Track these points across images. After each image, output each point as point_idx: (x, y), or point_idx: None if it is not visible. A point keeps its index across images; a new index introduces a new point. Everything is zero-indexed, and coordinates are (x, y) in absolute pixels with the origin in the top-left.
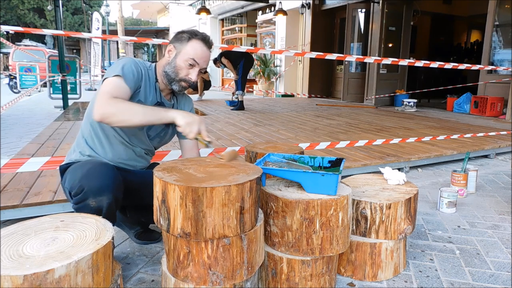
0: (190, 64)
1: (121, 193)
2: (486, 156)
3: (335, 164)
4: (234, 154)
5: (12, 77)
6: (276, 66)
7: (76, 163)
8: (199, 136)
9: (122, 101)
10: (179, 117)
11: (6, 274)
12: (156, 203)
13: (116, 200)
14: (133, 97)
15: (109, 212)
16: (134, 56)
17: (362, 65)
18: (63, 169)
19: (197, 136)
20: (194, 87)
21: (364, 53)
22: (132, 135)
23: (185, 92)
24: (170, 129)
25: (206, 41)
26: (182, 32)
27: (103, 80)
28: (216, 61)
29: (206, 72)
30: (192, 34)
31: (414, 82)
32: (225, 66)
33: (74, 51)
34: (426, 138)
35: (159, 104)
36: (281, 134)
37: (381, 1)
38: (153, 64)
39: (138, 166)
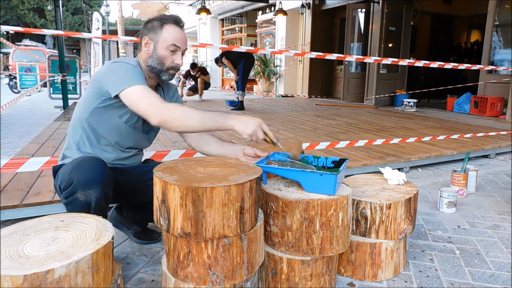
0: (172, 50)
1: (111, 189)
2: (486, 156)
3: (339, 165)
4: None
5: (12, 77)
6: (276, 66)
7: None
8: (267, 137)
9: (177, 105)
10: (239, 125)
11: (6, 274)
12: (156, 203)
13: (106, 195)
14: None
15: (98, 207)
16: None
17: (362, 65)
18: (56, 170)
19: (265, 137)
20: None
21: (364, 53)
22: (126, 137)
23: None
24: None
25: (178, 22)
26: (151, 20)
27: (123, 90)
28: (217, 61)
29: (207, 74)
30: (163, 20)
31: (414, 82)
32: (226, 66)
33: (74, 51)
34: (426, 138)
35: None
36: (281, 134)
37: (381, 1)
38: (135, 59)
39: (130, 164)
